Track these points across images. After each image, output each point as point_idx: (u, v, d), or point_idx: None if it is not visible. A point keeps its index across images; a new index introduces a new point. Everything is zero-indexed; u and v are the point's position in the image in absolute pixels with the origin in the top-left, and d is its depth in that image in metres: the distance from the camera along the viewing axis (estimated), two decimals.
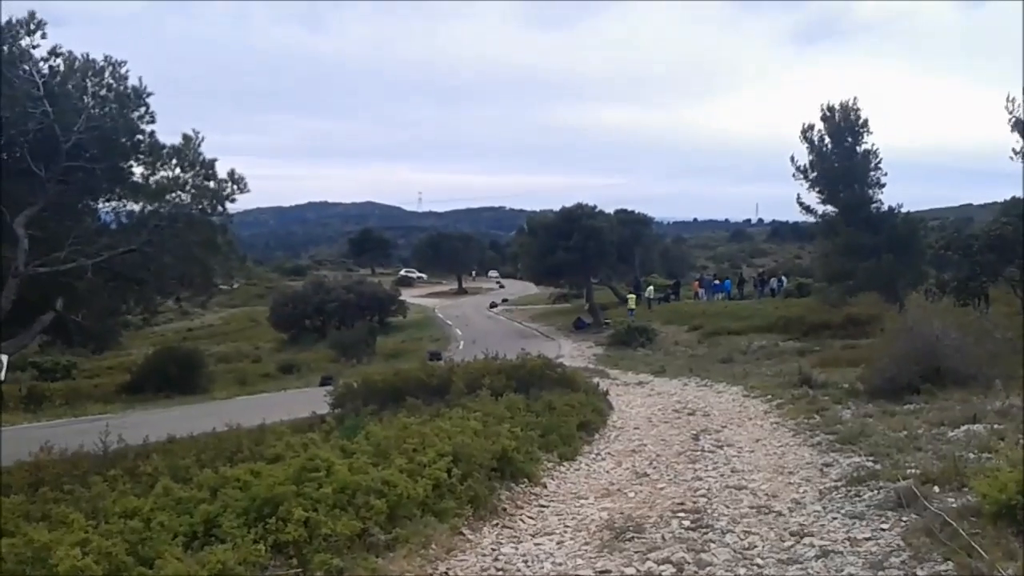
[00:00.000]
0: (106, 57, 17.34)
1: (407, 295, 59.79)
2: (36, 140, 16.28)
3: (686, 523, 7.64)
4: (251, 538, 5.92)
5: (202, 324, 55.49)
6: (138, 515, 6.34)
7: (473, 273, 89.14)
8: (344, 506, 6.79)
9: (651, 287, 48.71)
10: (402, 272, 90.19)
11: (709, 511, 8.03)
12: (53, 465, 9.08)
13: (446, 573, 6.59)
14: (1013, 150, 25.75)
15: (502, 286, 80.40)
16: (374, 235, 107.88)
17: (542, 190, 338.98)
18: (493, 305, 62.25)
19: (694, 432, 13.08)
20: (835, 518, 7.39)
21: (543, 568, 6.69)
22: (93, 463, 9.24)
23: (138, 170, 18.59)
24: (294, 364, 34.73)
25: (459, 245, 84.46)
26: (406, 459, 8.26)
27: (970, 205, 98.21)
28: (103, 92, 17.50)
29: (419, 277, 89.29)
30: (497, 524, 8.10)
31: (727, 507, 8.17)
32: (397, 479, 7.47)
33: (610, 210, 50.24)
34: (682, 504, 8.41)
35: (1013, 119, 25.51)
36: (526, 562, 6.86)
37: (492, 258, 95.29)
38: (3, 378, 16.91)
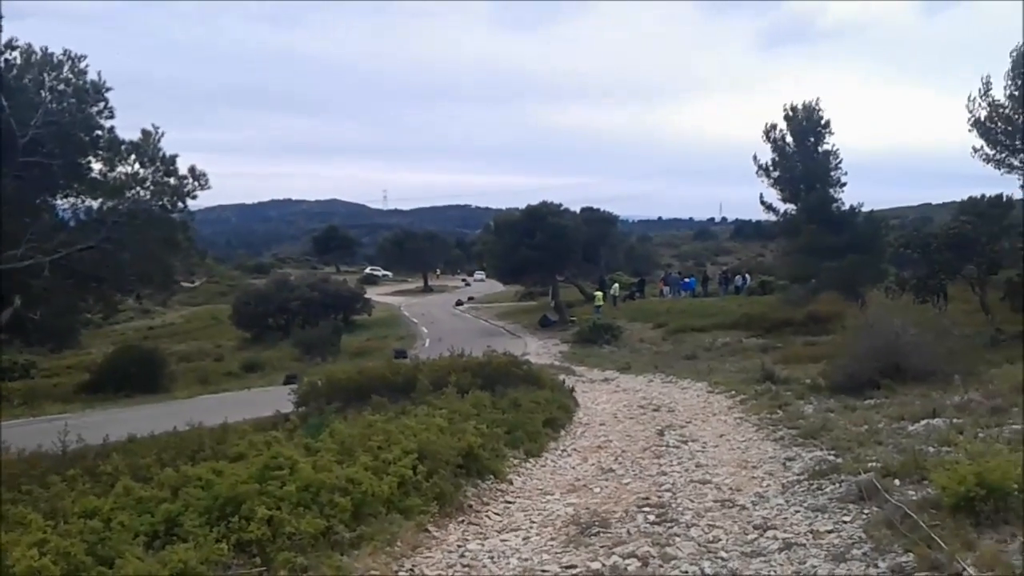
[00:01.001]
0: (65, 51, 17.03)
1: (372, 293, 59.48)
2: None
3: (651, 518, 7.68)
4: (213, 537, 5.85)
5: (163, 323, 54.73)
6: (98, 515, 6.23)
7: (438, 271, 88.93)
8: (308, 504, 6.74)
9: (616, 285, 48.88)
10: (367, 270, 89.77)
11: (674, 505, 8.08)
12: (10, 465, 8.92)
13: (412, 570, 6.56)
14: (973, 148, 26.28)
15: (469, 284, 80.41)
16: (339, 233, 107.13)
17: (508, 189, 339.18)
18: (459, 303, 62.14)
19: (659, 428, 13.16)
20: (797, 511, 7.47)
21: (509, 564, 6.69)
22: (51, 463, 9.09)
23: (96, 166, 18.27)
24: (257, 363, 34.36)
25: (425, 243, 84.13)
26: (371, 457, 8.22)
27: (929, 204, 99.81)
28: (61, 87, 17.18)
29: (384, 275, 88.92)
30: (463, 521, 8.08)
31: (692, 501, 8.22)
32: (362, 477, 7.43)
33: (576, 208, 50.42)
34: (647, 499, 8.45)
35: (973, 119, 26.00)
36: (492, 558, 6.85)
37: (457, 256, 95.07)
38: None
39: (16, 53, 16.63)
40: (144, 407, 20.65)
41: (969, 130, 26.23)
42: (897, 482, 7.54)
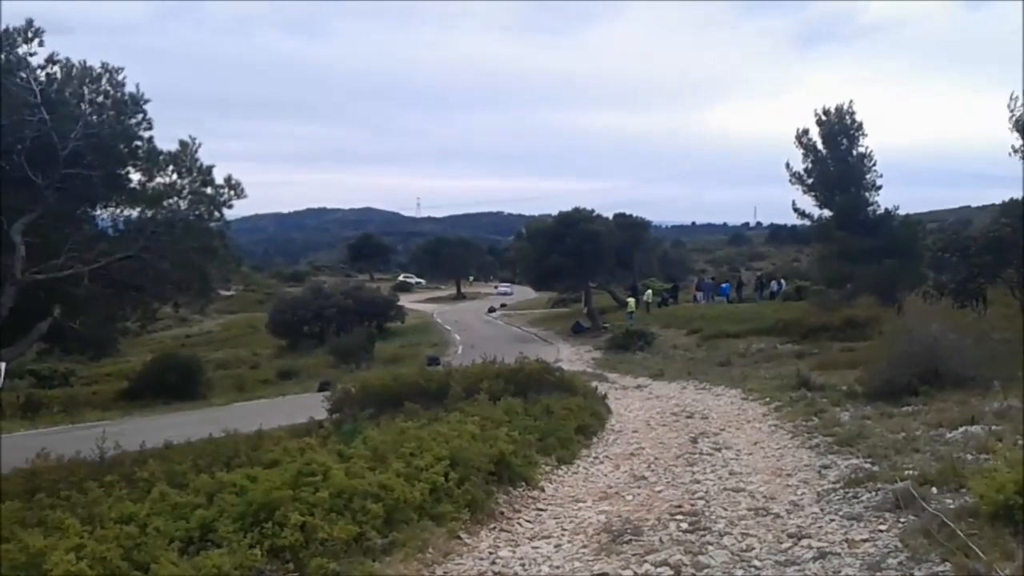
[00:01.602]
0: (103, 64, 17.36)
1: (406, 300, 59.72)
2: (33, 148, 16.29)
3: (684, 525, 7.63)
4: (247, 543, 5.91)
5: (200, 331, 55.41)
6: (134, 520, 6.32)
7: (471, 278, 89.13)
8: (341, 510, 6.78)
9: (649, 291, 48.67)
10: (400, 277, 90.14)
11: (707, 513, 8.02)
12: (50, 471, 9.08)
13: None
14: (1012, 147, 25.76)
15: (501, 292, 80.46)
16: (373, 241, 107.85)
17: (541, 195, 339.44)
18: (491, 310, 62.22)
19: (692, 435, 13.07)
20: (833, 520, 7.38)
21: (540, 571, 6.68)
22: (89, 469, 9.23)
23: (135, 176, 18.58)
24: (293, 370, 34.66)
25: (458, 250, 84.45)
26: (403, 463, 8.26)
27: (968, 207, 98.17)
28: (100, 99, 17.52)
29: (417, 282, 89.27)
30: (495, 528, 8.09)
31: (725, 509, 8.16)
32: (394, 483, 7.47)
33: (608, 214, 50.31)
34: (680, 507, 8.40)
35: (1014, 118, 25.51)
36: (523, 566, 6.85)
37: (490, 263, 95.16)
38: (1, 386, 16.90)
39: (57, 68, 16.99)
40: (181, 414, 20.92)
41: (1010, 130, 25.72)
42: (934, 490, 7.42)
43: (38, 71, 16.68)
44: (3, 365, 16.96)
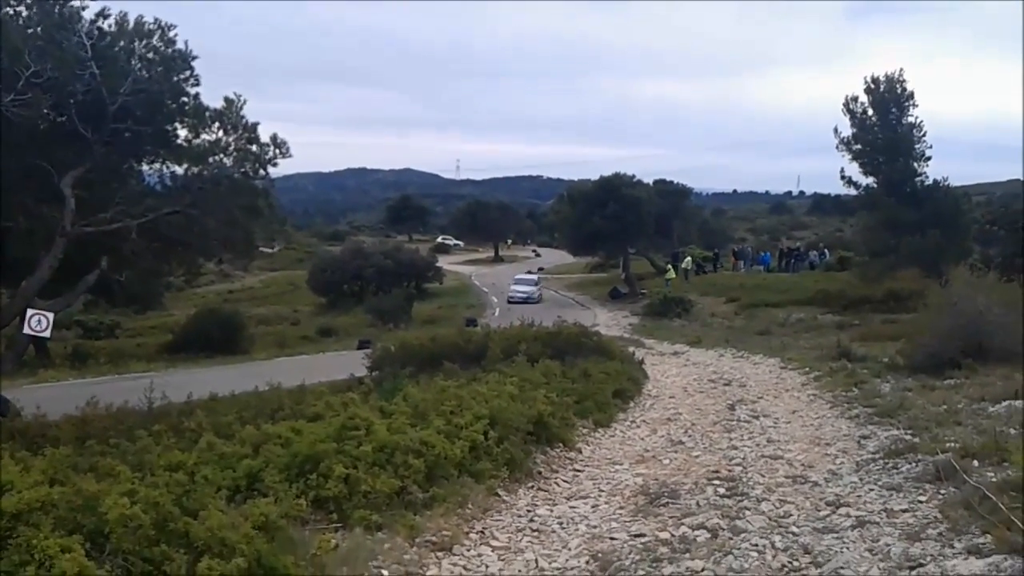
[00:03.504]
0: (156, 20, 17.42)
1: (444, 262, 59.90)
2: (84, 102, 16.49)
3: (721, 490, 7.66)
4: (293, 493, 6.06)
5: (242, 287, 56.14)
6: (182, 468, 6.48)
7: (509, 241, 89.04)
8: (383, 464, 6.91)
9: (689, 258, 48.30)
10: (439, 239, 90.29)
11: (744, 479, 8.04)
12: (99, 419, 9.32)
13: (482, 532, 6.70)
14: None
15: (538, 255, 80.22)
16: (412, 202, 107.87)
17: (581, 160, 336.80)
18: (529, 273, 62.21)
19: (730, 402, 13.07)
20: (872, 489, 7.36)
21: (578, 530, 6.77)
22: (138, 419, 9.47)
23: (182, 133, 18.78)
24: (332, 328, 35.08)
25: (496, 214, 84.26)
26: (444, 421, 8.38)
27: (1017, 180, 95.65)
28: (150, 55, 17.64)
29: (456, 244, 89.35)
30: (532, 487, 8.20)
31: (762, 476, 8.17)
32: (435, 440, 7.58)
33: (649, 180, 49.87)
34: (717, 472, 8.43)
35: None
36: (561, 524, 6.94)
37: (529, 227, 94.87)
38: (49, 335, 17.37)
39: (108, 22, 17.11)
40: (224, 368, 21.28)
41: None
42: (976, 463, 7.34)
43: (89, 25, 16.82)
44: (51, 315, 17.38)
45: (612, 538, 6.48)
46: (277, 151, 19.19)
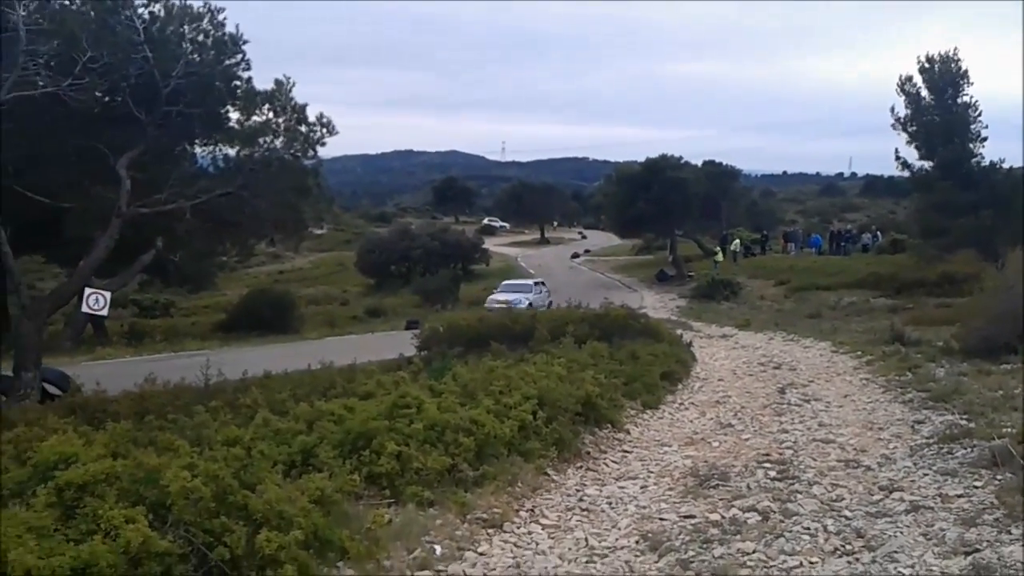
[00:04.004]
0: (205, 3, 17.63)
1: (490, 244, 60.00)
2: (137, 85, 16.76)
3: (772, 473, 7.62)
4: (347, 469, 6.18)
5: (292, 267, 56.83)
6: (239, 444, 6.62)
7: (555, 223, 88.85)
8: (434, 442, 7.00)
9: (737, 241, 47.76)
10: (485, 221, 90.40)
11: (795, 463, 7.98)
12: (157, 395, 9.52)
13: (532, 510, 6.75)
14: None
15: (584, 236, 79.95)
16: (458, 184, 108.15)
17: (627, 142, 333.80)
18: (575, 255, 62.07)
19: (780, 386, 12.95)
20: (926, 474, 7.27)
21: (627, 510, 6.79)
22: (194, 395, 9.65)
23: (234, 115, 19.00)
24: (380, 309, 35.40)
25: (542, 196, 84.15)
26: (493, 400, 8.44)
27: None
28: (200, 38, 17.86)
29: (502, 226, 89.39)
30: (581, 467, 8.23)
31: (814, 460, 8.11)
32: (484, 419, 7.64)
33: (697, 162, 49.32)
34: (768, 455, 8.38)
35: None
36: (610, 504, 6.97)
37: (574, 209, 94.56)
38: (107, 314, 17.78)
39: (159, 6, 17.35)
40: (275, 347, 21.62)
41: None
42: None
43: (141, 9, 17.06)
44: (108, 294, 17.76)
45: (662, 519, 6.50)
46: (324, 130, 19.34)
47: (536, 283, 34.29)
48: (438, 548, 5.54)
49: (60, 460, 5.37)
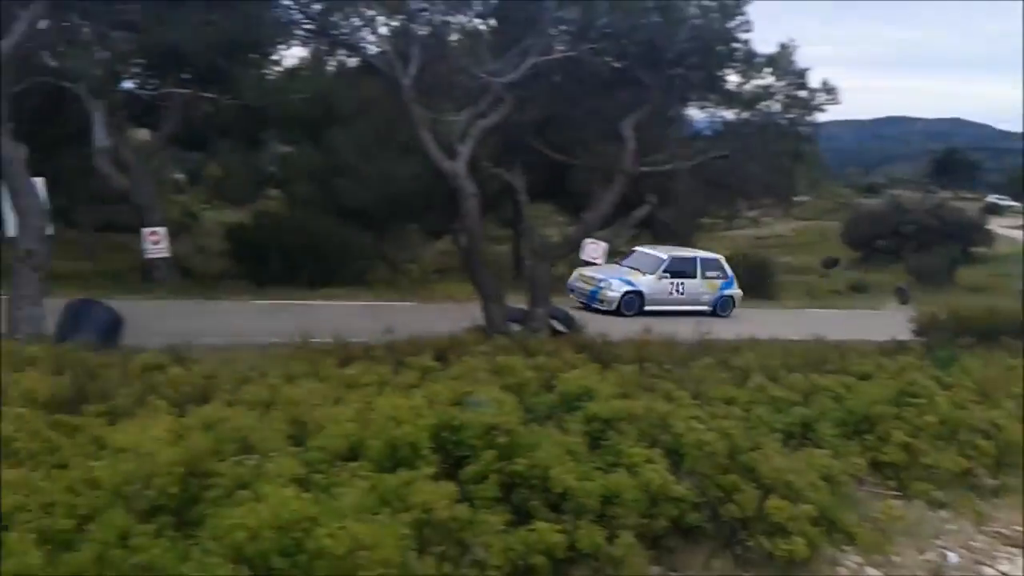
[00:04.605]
0: None
1: (994, 225, 53.37)
2: (644, 49, 17.58)
3: None
4: (852, 451, 5.88)
5: (771, 233, 56.09)
6: (736, 404, 6.67)
7: None
8: (947, 439, 6.37)
9: None
10: (990, 199, 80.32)
11: None
12: (654, 345, 9.99)
13: None
14: None
15: None
16: (960, 156, 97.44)
17: None
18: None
19: None
20: None
21: None
22: (686, 350, 9.95)
23: (732, 78, 19.07)
24: (864, 284, 33.52)
25: None
26: (1014, 403, 7.45)
27: None
28: (706, 2, 18.10)
29: (1011, 206, 78.60)
30: None
31: None
32: (1006, 422, 6.78)
33: None
34: None
35: None
36: None
37: None
38: (602, 262, 19.37)
39: None
40: (758, 311, 21.77)
41: None
42: None
43: None
44: (605, 245, 19.20)
45: None
46: (826, 96, 18.55)
47: (676, 258, 21.41)
48: (953, 556, 5.03)
49: (583, 392, 5.87)
